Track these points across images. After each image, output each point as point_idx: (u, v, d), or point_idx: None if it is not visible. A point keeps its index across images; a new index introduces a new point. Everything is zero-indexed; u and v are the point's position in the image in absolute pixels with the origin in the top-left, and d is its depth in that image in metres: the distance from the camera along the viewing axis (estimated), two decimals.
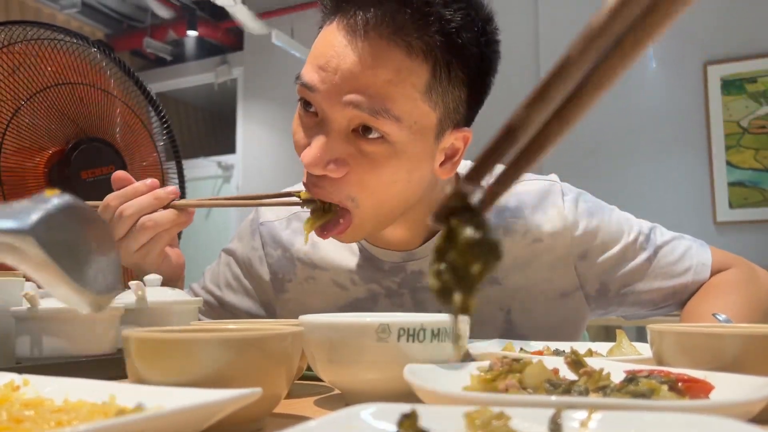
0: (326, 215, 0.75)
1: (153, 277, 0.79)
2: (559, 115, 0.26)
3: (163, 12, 5.46)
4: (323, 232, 0.76)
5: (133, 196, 0.80)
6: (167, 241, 0.82)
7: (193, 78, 6.19)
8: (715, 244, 0.96)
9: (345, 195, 0.73)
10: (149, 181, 0.82)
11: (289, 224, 0.96)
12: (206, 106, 6.93)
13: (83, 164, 1.03)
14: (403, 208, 0.78)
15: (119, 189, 0.81)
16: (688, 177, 3.98)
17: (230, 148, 6.05)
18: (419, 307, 0.89)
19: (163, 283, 0.80)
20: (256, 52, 5.77)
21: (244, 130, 5.89)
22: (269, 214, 0.99)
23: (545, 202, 0.89)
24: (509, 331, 0.89)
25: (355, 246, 0.91)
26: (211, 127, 7.03)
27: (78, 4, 5.07)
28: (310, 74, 0.72)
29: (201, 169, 6.00)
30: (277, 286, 0.96)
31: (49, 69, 1.03)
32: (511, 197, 0.89)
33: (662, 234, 0.92)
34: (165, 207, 0.81)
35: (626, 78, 4.30)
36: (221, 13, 5.42)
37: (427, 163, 0.76)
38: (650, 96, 4.23)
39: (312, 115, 0.74)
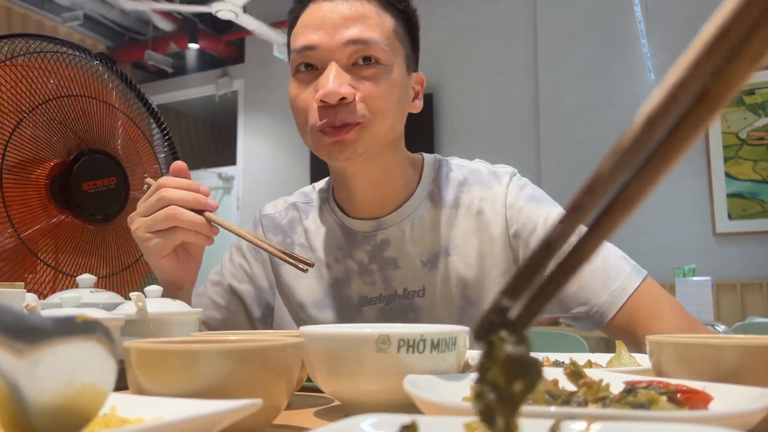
0: None
1: (153, 288, 0.79)
2: (595, 228, 0.26)
3: (165, 25, 5.49)
4: (339, 131, 0.84)
5: (181, 188, 0.84)
6: (179, 239, 0.84)
7: (195, 90, 6.22)
8: (714, 255, 0.96)
9: (358, 114, 0.85)
10: (204, 187, 0.86)
11: (287, 214, 1.06)
12: (207, 118, 6.96)
13: (84, 176, 1.03)
14: (395, 133, 0.90)
15: (176, 176, 0.87)
16: (687, 188, 3.98)
17: (231, 160, 6.06)
18: (387, 284, 0.95)
19: (164, 287, 0.82)
20: (257, 65, 5.80)
21: (244, 142, 5.91)
22: (269, 208, 1.08)
23: (492, 179, 0.97)
24: (465, 309, 0.92)
25: (335, 225, 0.99)
26: (212, 139, 7.06)
27: (80, 17, 5.11)
28: (308, 37, 0.87)
29: (202, 180, 6.01)
30: (276, 271, 1.03)
31: (51, 81, 1.04)
32: (464, 173, 0.98)
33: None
34: (200, 213, 0.84)
35: (624, 89, 4.34)
36: (222, 26, 5.45)
37: (407, 94, 0.92)
38: None
39: (311, 73, 0.88)
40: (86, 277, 0.84)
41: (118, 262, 1.11)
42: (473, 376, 0.48)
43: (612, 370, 0.52)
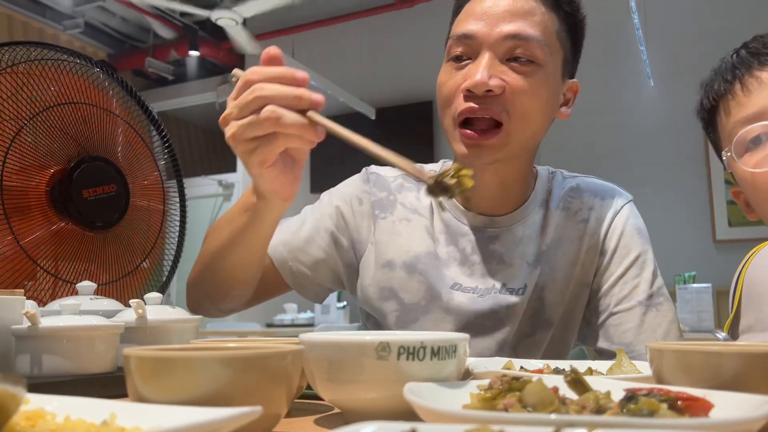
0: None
1: (153, 295, 0.79)
2: None
3: (165, 32, 5.51)
4: (479, 137, 0.85)
5: (277, 81, 0.67)
6: (281, 146, 0.68)
7: (195, 97, 6.22)
8: (714, 262, 0.97)
9: (501, 109, 0.85)
10: (301, 73, 0.68)
11: (395, 180, 1.05)
12: (207, 125, 6.96)
13: (85, 183, 1.03)
14: (533, 142, 0.90)
15: (267, 66, 0.69)
16: (687, 195, 3.99)
17: (231, 167, 6.06)
18: (486, 278, 0.94)
19: (268, 197, 0.76)
20: None
21: None
22: (378, 169, 1.07)
23: (609, 193, 1.00)
24: (538, 311, 0.94)
25: (448, 205, 1.00)
26: (212, 146, 7.06)
27: (81, 25, 5.13)
28: (467, 26, 0.87)
29: (202, 187, 6.01)
30: (375, 224, 1.01)
31: (52, 89, 1.04)
32: (577, 181, 1.00)
33: (667, 309, 0.93)
34: (302, 113, 0.67)
35: (624, 96, 4.34)
36: (222, 34, 5.46)
37: (557, 97, 0.91)
38: (648, 113, 4.23)
39: (463, 62, 0.88)
40: (86, 284, 0.84)
41: (118, 269, 1.11)
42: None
43: (612, 378, 0.52)
